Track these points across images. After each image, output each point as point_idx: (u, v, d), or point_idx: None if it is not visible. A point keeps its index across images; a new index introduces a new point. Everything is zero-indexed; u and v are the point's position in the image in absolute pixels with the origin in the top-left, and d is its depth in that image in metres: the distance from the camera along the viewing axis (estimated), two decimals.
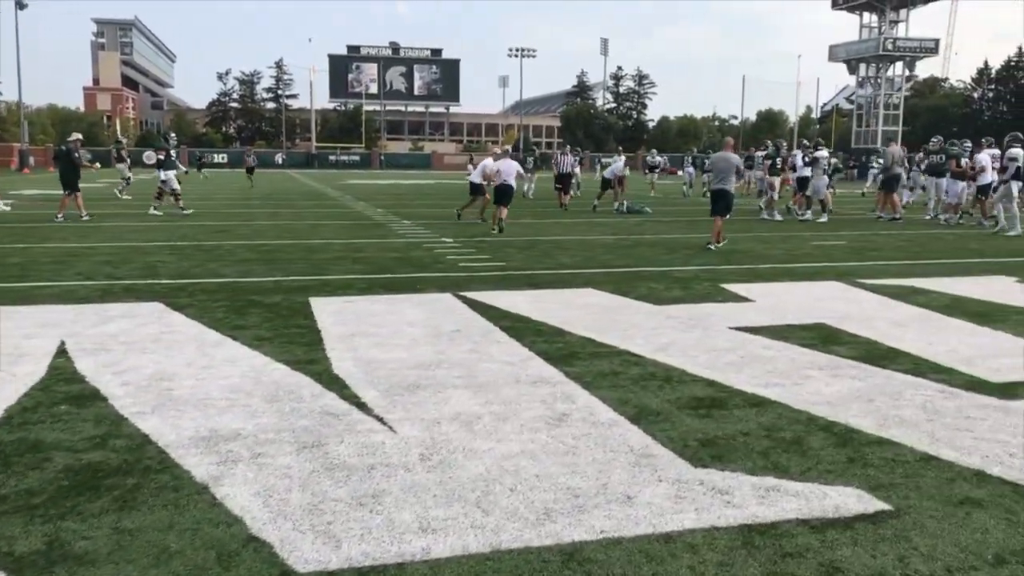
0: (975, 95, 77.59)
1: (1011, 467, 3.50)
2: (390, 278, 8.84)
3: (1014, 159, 14.75)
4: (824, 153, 17.94)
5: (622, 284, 8.48)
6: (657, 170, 31.40)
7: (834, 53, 57.20)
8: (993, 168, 15.97)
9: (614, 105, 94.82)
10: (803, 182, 18.09)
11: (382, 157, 73.76)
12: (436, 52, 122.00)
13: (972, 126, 71.21)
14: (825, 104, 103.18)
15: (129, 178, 25.38)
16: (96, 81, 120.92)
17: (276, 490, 3.19)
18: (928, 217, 18.21)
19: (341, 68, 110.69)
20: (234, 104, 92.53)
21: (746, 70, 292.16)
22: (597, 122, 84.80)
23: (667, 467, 3.47)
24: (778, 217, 17.80)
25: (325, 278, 8.78)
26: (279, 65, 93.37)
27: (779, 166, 18.74)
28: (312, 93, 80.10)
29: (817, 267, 10.06)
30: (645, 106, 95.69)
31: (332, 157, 73.54)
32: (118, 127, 73.45)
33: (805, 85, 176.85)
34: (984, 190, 16.47)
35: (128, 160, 27.10)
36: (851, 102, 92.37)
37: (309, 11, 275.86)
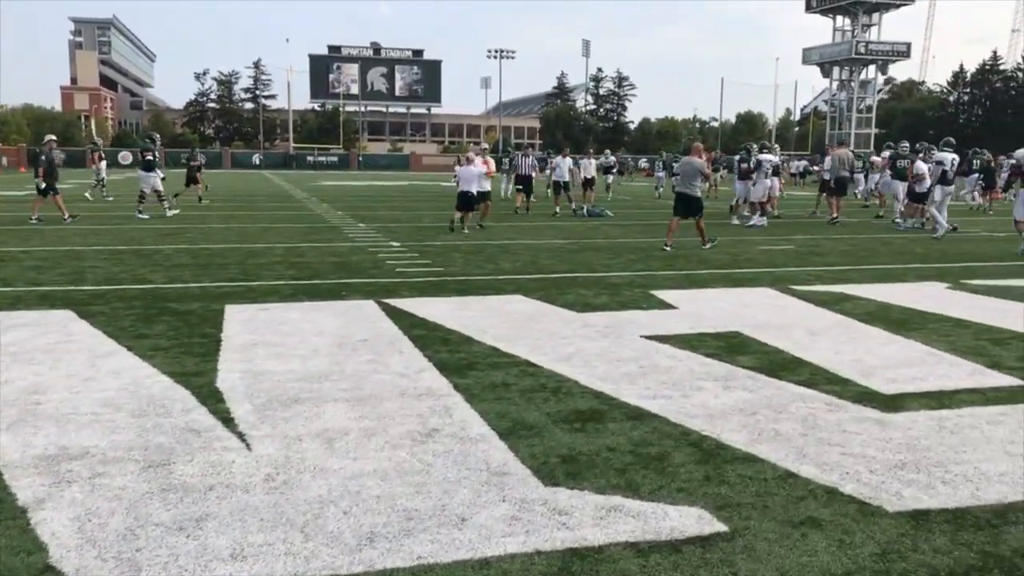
0: (950, 99, 78.36)
1: (866, 484, 3.44)
2: (318, 284, 8.71)
3: (940, 163, 14.81)
4: (769, 157, 17.76)
5: (553, 290, 8.41)
6: (613, 171, 31.23)
7: (807, 56, 57.59)
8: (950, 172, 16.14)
9: (594, 107, 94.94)
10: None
11: (360, 158, 73.39)
12: (418, 53, 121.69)
13: (947, 129, 72.11)
14: (805, 107, 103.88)
15: (103, 179, 25.20)
16: (74, 80, 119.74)
17: (98, 514, 3.08)
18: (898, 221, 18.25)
19: (322, 68, 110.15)
20: (212, 104, 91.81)
21: (731, 72, 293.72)
22: (577, 123, 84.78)
23: (516, 486, 3.39)
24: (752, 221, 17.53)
25: (252, 284, 8.64)
26: (257, 65, 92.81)
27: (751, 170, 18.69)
28: (290, 94, 79.67)
29: (756, 273, 10.03)
30: (625, 108, 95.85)
31: (310, 158, 73.09)
32: (94, 128, 72.58)
33: (787, 88, 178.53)
34: (919, 198, 16.10)
35: (103, 161, 27.01)
36: (832, 105, 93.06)
37: (293, 11, 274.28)
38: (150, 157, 18.18)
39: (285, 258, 10.85)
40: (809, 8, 55.74)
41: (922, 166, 15.66)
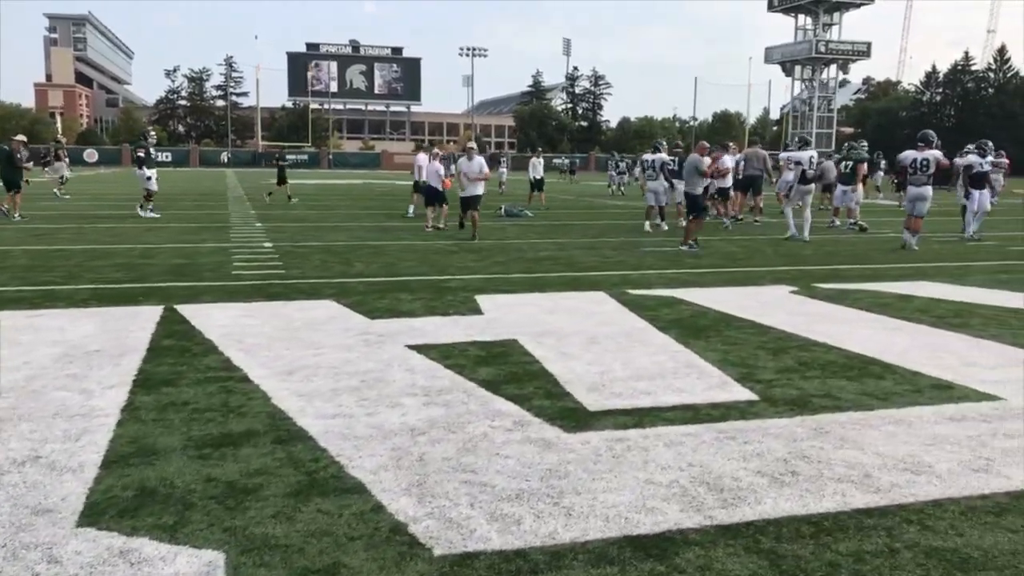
0: (923, 98, 78.42)
1: (446, 520, 3.06)
2: (127, 288, 8.27)
3: (799, 163, 14.48)
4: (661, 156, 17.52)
5: (373, 295, 8.01)
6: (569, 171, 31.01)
7: (769, 55, 57.46)
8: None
9: (570, 106, 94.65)
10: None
11: (331, 156, 72.87)
12: (397, 51, 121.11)
13: (921, 129, 72.03)
14: (785, 106, 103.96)
15: (63, 177, 24.90)
16: (49, 78, 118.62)
17: None
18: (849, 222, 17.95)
19: (300, 66, 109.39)
20: (183, 102, 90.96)
21: (715, 71, 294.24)
22: (550, 122, 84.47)
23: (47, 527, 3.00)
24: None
25: (57, 288, 8.21)
26: (229, 63, 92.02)
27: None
28: (258, 91, 79.03)
29: (604, 276, 9.62)
30: (600, 107, 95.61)
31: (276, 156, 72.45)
32: (59, 126, 71.75)
33: (761, 87, 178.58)
34: (723, 192, 16.98)
35: (66, 159, 26.72)
36: (808, 105, 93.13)
37: (276, 8, 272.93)
38: (141, 154, 17.72)
39: (130, 260, 10.41)
40: (771, 7, 55.52)
41: (727, 159, 16.44)
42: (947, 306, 7.73)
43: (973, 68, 74.78)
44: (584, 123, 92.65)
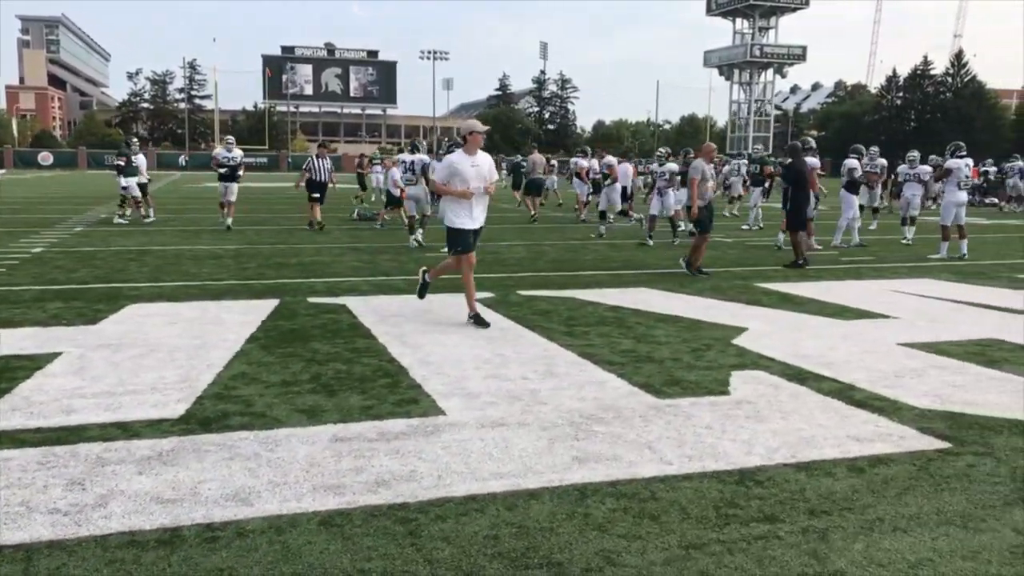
0: (883, 102, 78.53)
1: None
2: None
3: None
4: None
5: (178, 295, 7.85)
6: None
7: (708, 59, 57.51)
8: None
9: (537, 109, 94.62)
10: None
11: (289, 159, 72.66)
12: (372, 54, 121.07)
13: (883, 132, 72.20)
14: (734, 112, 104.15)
15: None
16: (22, 80, 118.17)
17: None
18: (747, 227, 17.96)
19: (275, 69, 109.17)
20: (145, 105, 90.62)
21: (693, 74, 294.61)
22: (515, 126, 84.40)
23: None
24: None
25: None
26: (192, 66, 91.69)
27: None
28: (216, 94, 78.77)
29: (351, 281, 9.46)
30: (568, 110, 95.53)
31: None
32: (14, 128, 71.38)
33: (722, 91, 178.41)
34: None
35: None
36: (778, 108, 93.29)
37: (260, 9, 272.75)
38: (120, 162, 17.47)
39: None
40: (709, 11, 55.57)
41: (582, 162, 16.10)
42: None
43: (932, 72, 74.95)
44: (551, 127, 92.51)
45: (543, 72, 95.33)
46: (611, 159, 17.90)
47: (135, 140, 19.15)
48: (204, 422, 4.30)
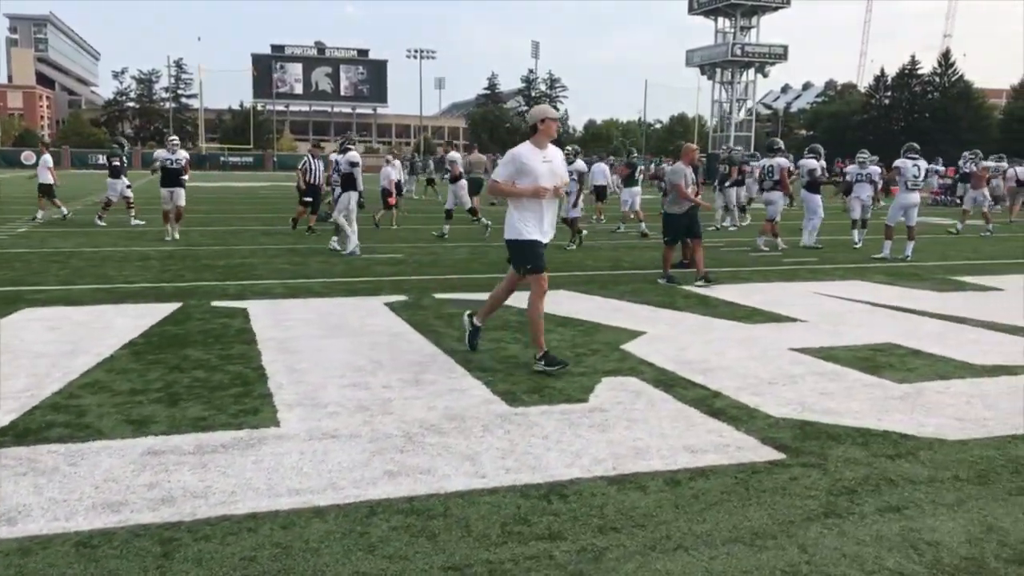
0: (872, 101, 78.47)
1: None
2: None
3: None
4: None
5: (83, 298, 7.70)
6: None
7: (689, 58, 57.39)
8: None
9: (526, 108, 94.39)
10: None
11: (275, 159, 72.47)
12: (363, 52, 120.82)
13: (871, 132, 72.13)
14: (750, 109, 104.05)
15: None
16: (11, 79, 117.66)
17: None
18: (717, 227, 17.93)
19: (265, 68, 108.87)
20: (131, 104, 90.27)
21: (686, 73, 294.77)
22: (502, 125, 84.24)
23: None
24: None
25: None
26: (179, 64, 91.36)
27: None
28: (201, 92, 78.45)
29: (267, 284, 9.32)
30: (557, 110, 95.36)
31: (222, 158, 71.99)
32: None
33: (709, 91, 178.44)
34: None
35: None
36: (768, 107, 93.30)
37: (252, 8, 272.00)
38: (117, 163, 17.19)
39: None
40: (691, 10, 55.48)
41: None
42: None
43: (920, 72, 74.92)
44: None
45: (532, 71, 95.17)
46: (454, 155, 17.30)
47: (125, 142, 19.10)
48: (22, 434, 4.18)
